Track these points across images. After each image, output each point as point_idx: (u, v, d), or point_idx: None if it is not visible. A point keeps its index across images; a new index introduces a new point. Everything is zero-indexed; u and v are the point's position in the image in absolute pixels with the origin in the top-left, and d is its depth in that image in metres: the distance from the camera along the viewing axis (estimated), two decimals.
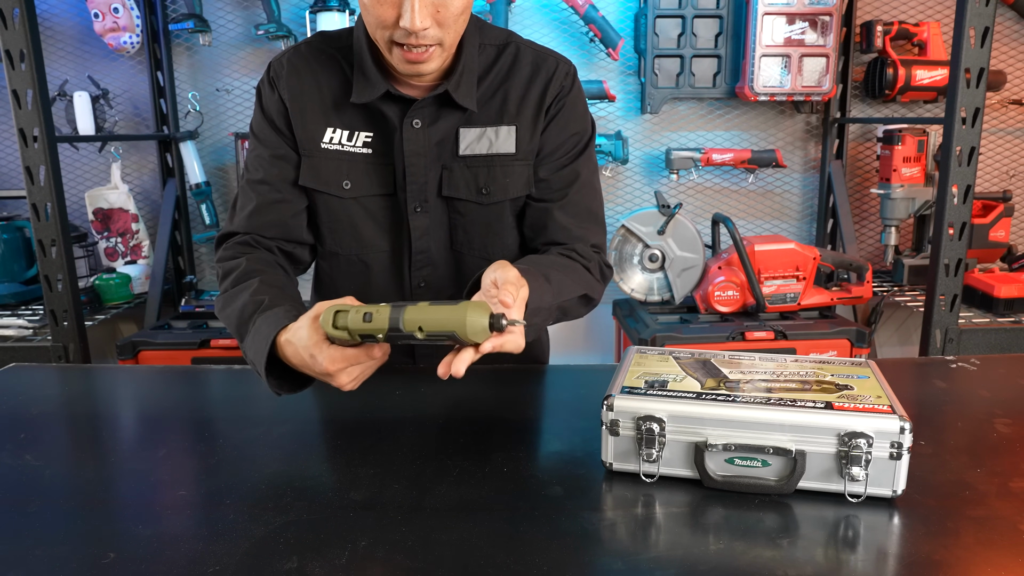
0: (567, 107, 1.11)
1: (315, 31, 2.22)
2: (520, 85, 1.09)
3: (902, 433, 0.73)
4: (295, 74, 1.08)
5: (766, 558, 0.67)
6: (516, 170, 1.11)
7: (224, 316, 1.01)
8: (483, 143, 1.09)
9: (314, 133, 1.09)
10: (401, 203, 1.11)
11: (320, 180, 1.10)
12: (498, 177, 1.10)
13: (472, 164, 1.10)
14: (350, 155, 1.09)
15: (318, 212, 1.13)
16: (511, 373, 1.16)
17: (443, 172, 1.10)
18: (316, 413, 1.06)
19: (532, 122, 1.10)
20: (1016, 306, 2.06)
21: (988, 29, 1.67)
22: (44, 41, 2.19)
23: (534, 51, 1.11)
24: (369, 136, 1.09)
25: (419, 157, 1.08)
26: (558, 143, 1.12)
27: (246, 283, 1.01)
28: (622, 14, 2.40)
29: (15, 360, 1.31)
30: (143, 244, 2.44)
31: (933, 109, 2.51)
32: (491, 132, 1.09)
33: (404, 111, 1.07)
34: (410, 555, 0.68)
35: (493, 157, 1.09)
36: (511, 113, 1.09)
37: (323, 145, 1.09)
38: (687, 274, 2.23)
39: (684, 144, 2.49)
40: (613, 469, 0.81)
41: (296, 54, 1.10)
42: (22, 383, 1.19)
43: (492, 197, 1.11)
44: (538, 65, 1.10)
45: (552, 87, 1.09)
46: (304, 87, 1.08)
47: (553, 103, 1.10)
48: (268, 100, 1.10)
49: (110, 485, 0.85)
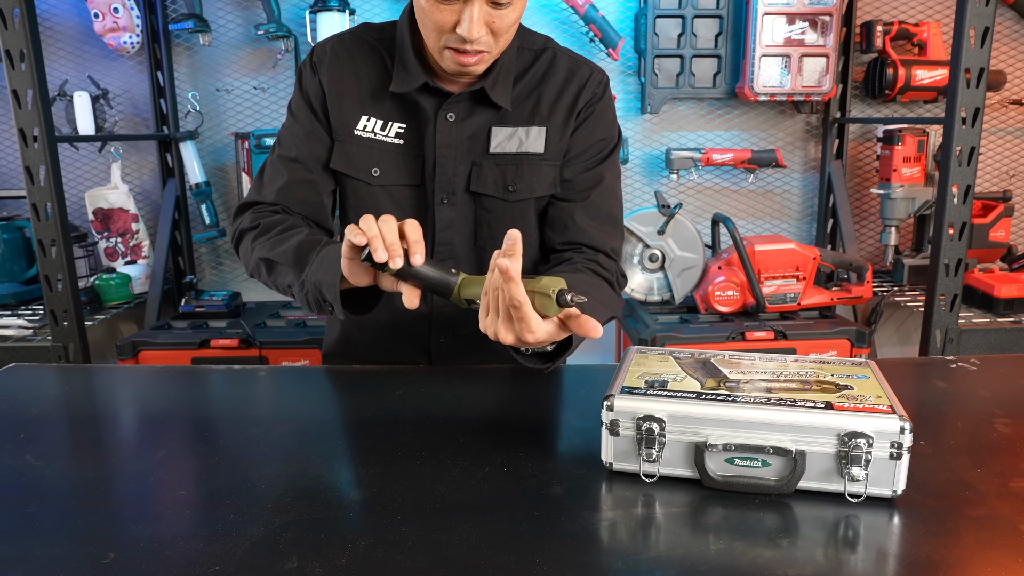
0: (597, 113, 1.15)
1: (315, 31, 2.24)
2: (554, 89, 1.14)
3: (902, 433, 0.73)
4: (336, 61, 1.12)
5: (766, 558, 0.67)
6: (543, 170, 1.14)
7: (276, 253, 1.03)
8: (513, 142, 1.13)
9: (349, 120, 1.12)
10: (428, 194, 1.14)
11: (351, 165, 1.13)
12: (525, 175, 1.14)
13: (501, 162, 1.13)
14: (382, 144, 1.13)
15: (346, 196, 1.17)
16: (511, 373, 1.16)
17: (472, 168, 1.13)
18: (316, 413, 1.06)
19: (562, 124, 1.14)
20: (1016, 306, 2.06)
21: (988, 29, 1.67)
22: (44, 41, 2.19)
23: (570, 58, 1.16)
24: (402, 127, 1.13)
25: (450, 149, 1.12)
26: (585, 146, 1.15)
27: (297, 229, 1.06)
28: (622, 14, 2.40)
29: (15, 360, 1.31)
30: (143, 244, 2.44)
31: (933, 109, 2.51)
32: (522, 132, 1.13)
33: (439, 104, 1.11)
34: (410, 555, 0.68)
35: (521, 156, 1.13)
36: (543, 115, 1.13)
37: (356, 132, 1.13)
38: (687, 274, 2.23)
39: (684, 144, 2.49)
40: (613, 469, 0.81)
41: (340, 42, 1.14)
42: (22, 383, 1.19)
43: (518, 194, 1.14)
44: (573, 71, 1.14)
45: (585, 93, 1.14)
46: (344, 74, 1.12)
47: (584, 108, 1.14)
48: (308, 82, 1.14)
49: (110, 485, 0.85)
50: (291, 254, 1.01)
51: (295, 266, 1.01)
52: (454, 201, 1.14)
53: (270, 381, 1.20)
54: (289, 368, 1.25)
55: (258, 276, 1.10)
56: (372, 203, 1.15)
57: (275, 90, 2.43)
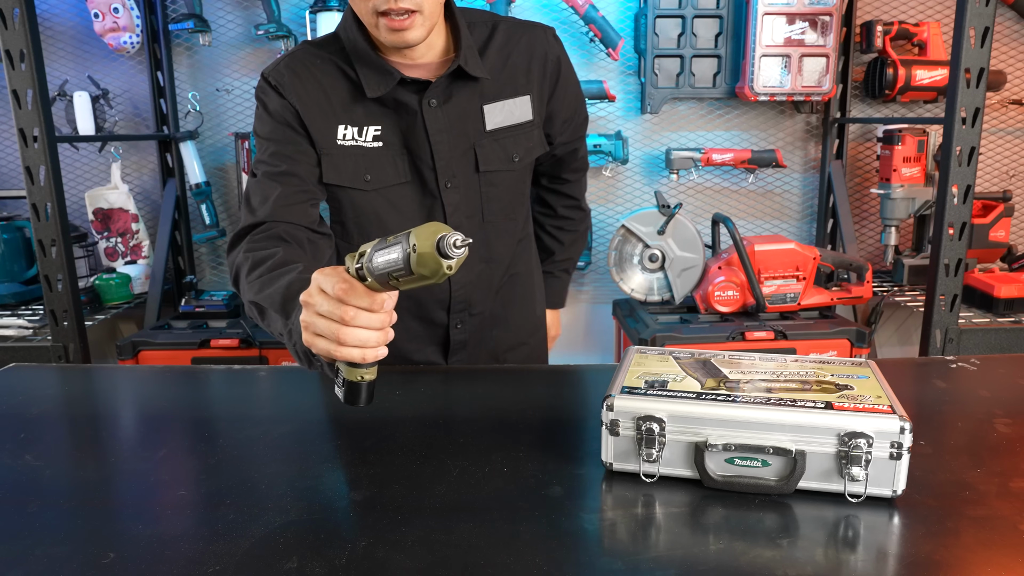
0: (564, 66, 1.22)
1: (315, 31, 2.23)
2: (522, 57, 1.18)
3: (902, 433, 0.73)
4: (298, 79, 1.10)
5: (766, 558, 0.67)
6: (534, 134, 1.22)
7: (263, 296, 0.94)
8: (506, 116, 1.18)
9: (327, 132, 1.11)
10: (430, 183, 1.15)
11: (342, 176, 1.13)
12: (523, 143, 1.20)
13: (499, 136, 1.18)
14: (364, 150, 1.13)
15: (342, 208, 1.16)
16: (511, 373, 1.16)
17: (476, 150, 1.16)
18: (316, 413, 1.06)
19: (539, 88, 1.20)
20: (1016, 306, 2.06)
21: (988, 29, 1.67)
22: (44, 41, 2.18)
23: (520, 24, 1.21)
24: (378, 129, 1.13)
25: (443, 134, 1.13)
26: (572, 103, 1.26)
27: (289, 267, 0.96)
28: (622, 14, 2.40)
29: (15, 360, 1.31)
30: (143, 244, 2.44)
31: (933, 109, 2.51)
32: (511, 104, 1.18)
33: (419, 95, 1.11)
34: (410, 555, 0.68)
35: (516, 127, 1.19)
36: (521, 83, 1.18)
37: (339, 143, 1.12)
38: (687, 274, 2.23)
39: (684, 144, 2.49)
40: (613, 469, 0.81)
41: (292, 62, 1.12)
42: (22, 383, 1.19)
43: (523, 162, 1.21)
44: (530, 36, 1.19)
45: (550, 53, 1.20)
46: (309, 91, 1.10)
47: (554, 67, 1.20)
48: (276, 105, 1.11)
49: (110, 485, 0.85)
50: (278, 297, 0.92)
51: (282, 312, 0.91)
52: (457, 184, 1.16)
53: (270, 381, 1.20)
54: (289, 368, 1.25)
55: (254, 319, 1.01)
56: (370, 209, 1.15)
57: None
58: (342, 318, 0.73)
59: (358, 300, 0.73)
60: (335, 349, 0.75)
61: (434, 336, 1.25)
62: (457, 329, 1.24)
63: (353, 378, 0.78)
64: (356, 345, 0.74)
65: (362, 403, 0.79)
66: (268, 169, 1.10)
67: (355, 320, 0.73)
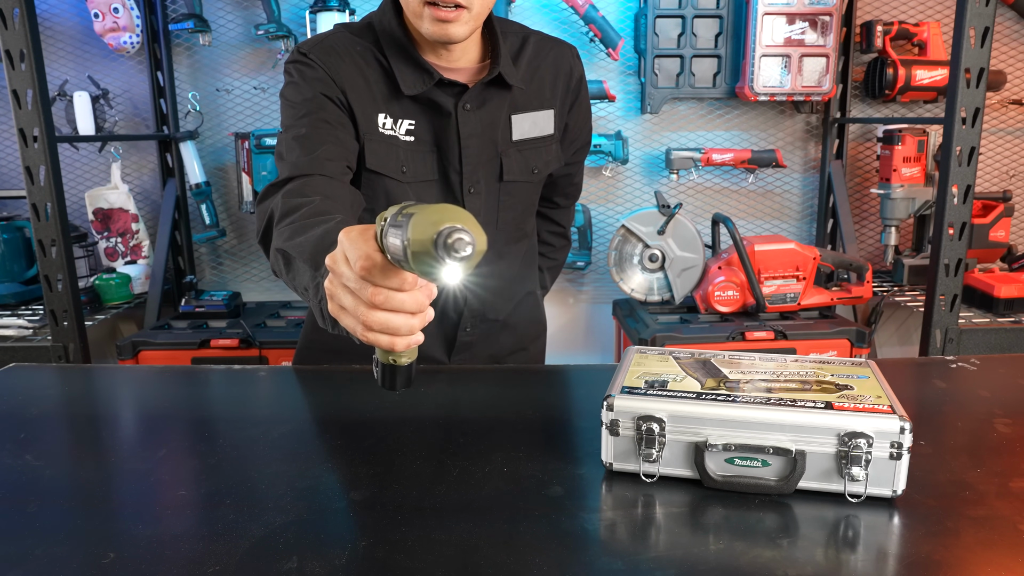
0: (584, 87, 1.24)
1: (315, 31, 2.23)
2: (549, 71, 1.19)
3: (902, 433, 0.73)
4: (341, 61, 1.08)
5: (766, 558, 0.67)
6: (553, 148, 1.23)
7: (292, 244, 0.84)
8: (532, 128, 1.19)
9: (371, 118, 1.10)
10: (454, 186, 1.15)
11: (383, 164, 1.11)
12: (543, 156, 1.21)
13: (523, 148, 1.19)
14: (399, 141, 1.12)
15: (376, 197, 1.12)
16: (511, 373, 1.16)
17: (502, 159, 1.17)
18: (316, 413, 1.06)
19: (561, 103, 1.21)
20: (1016, 306, 2.06)
21: (988, 29, 1.67)
22: (44, 41, 2.18)
23: (548, 39, 1.22)
24: (412, 124, 1.12)
25: (473, 139, 1.14)
26: (583, 124, 1.28)
27: (327, 216, 0.87)
28: (622, 14, 2.40)
29: (15, 360, 1.31)
30: (143, 244, 2.44)
31: (933, 109, 2.51)
32: (536, 116, 1.19)
33: (456, 97, 1.11)
34: (410, 555, 0.68)
35: (539, 140, 1.20)
36: (547, 97, 1.19)
37: (380, 130, 1.11)
38: (687, 274, 2.23)
39: (684, 144, 2.49)
40: (613, 469, 0.81)
41: (334, 42, 1.09)
42: (22, 383, 1.19)
43: (540, 175, 1.23)
44: (558, 51, 1.21)
45: (575, 71, 1.22)
46: (352, 74, 1.08)
47: (575, 84, 1.22)
48: (313, 76, 1.06)
49: (110, 485, 0.85)
50: (309, 247, 0.80)
51: (311, 263, 0.79)
52: (479, 190, 1.16)
53: (270, 381, 1.20)
54: (289, 368, 1.25)
55: (278, 273, 0.90)
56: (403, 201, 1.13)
57: (275, 90, 2.43)
58: (370, 300, 0.61)
59: (383, 279, 0.60)
60: (362, 332, 0.63)
61: (441, 333, 1.24)
62: (466, 332, 1.24)
63: (386, 360, 0.68)
64: (384, 331, 0.62)
65: (399, 388, 0.70)
66: (308, 131, 1.03)
67: (384, 303, 0.61)
